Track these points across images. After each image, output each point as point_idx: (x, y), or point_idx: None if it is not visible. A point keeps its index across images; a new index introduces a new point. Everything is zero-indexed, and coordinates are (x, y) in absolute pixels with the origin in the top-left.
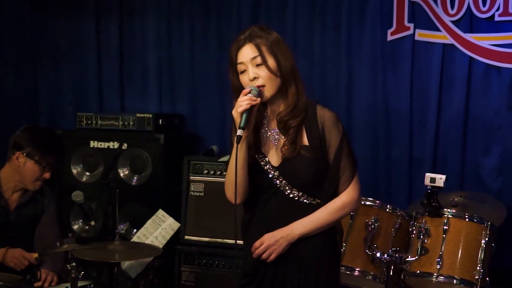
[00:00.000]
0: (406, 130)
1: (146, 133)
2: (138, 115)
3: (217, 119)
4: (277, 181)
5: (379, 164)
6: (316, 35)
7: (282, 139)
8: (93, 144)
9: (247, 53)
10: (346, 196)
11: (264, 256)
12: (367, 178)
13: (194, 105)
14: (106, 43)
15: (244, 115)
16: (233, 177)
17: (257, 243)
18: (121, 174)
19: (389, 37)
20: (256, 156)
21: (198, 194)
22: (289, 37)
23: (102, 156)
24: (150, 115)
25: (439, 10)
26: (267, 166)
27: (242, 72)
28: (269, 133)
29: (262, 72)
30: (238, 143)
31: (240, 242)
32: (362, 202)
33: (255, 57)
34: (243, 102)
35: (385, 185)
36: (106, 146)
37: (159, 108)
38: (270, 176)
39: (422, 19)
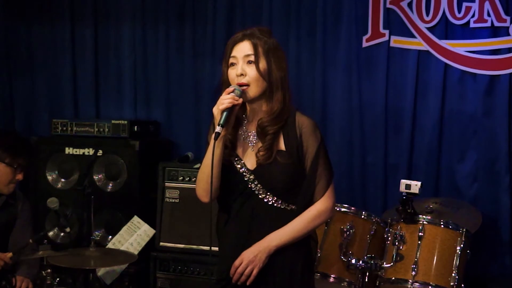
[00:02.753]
0: (381, 136)
1: (121, 140)
2: (113, 121)
3: (192, 126)
4: (252, 185)
5: (354, 170)
6: (291, 41)
7: (259, 143)
8: (68, 150)
9: (242, 49)
10: (321, 205)
11: (246, 272)
12: (342, 184)
13: (169, 111)
14: (81, 49)
15: (225, 114)
16: (206, 174)
17: (236, 262)
18: (96, 181)
19: (364, 44)
20: (232, 158)
21: (173, 200)
22: None
23: (77, 162)
24: (125, 122)
25: (415, 17)
26: (243, 169)
27: (232, 65)
28: (247, 134)
29: (251, 71)
30: (216, 139)
31: (214, 248)
32: (337, 209)
33: (248, 55)
34: (225, 100)
35: (360, 192)
36: (81, 153)
37: (134, 114)
38: (245, 179)
39: (397, 26)
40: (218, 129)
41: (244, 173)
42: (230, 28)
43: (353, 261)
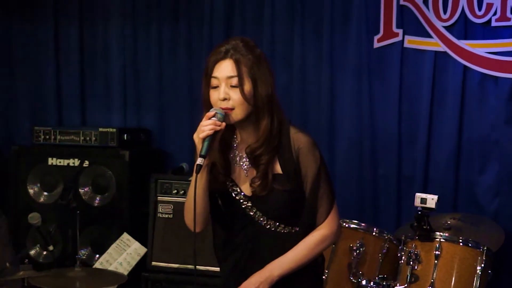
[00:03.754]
0: (394, 146)
1: (110, 149)
2: (100, 129)
3: (187, 134)
4: (251, 212)
5: (364, 183)
6: (295, 42)
7: (253, 169)
8: (52, 161)
9: (224, 70)
10: (325, 229)
11: None
12: (352, 199)
13: (162, 118)
14: (65, 50)
15: (206, 142)
16: (192, 207)
17: None
18: (82, 194)
19: (376, 44)
20: (227, 183)
21: (166, 216)
22: (266, 45)
23: (61, 174)
24: (114, 130)
25: (431, 15)
26: (239, 196)
27: (214, 87)
28: (239, 158)
29: (235, 95)
30: (197, 173)
31: (203, 266)
32: (346, 225)
33: (231, 77)
34: (205, 127)
35: (371, 207)
36: (65, 164)
37: (123, 122)
38: (243, 206)
39: (412, 25)
40: (199, 160)
41: (241, 200)
42: (228, 28)
43: (364, 282)
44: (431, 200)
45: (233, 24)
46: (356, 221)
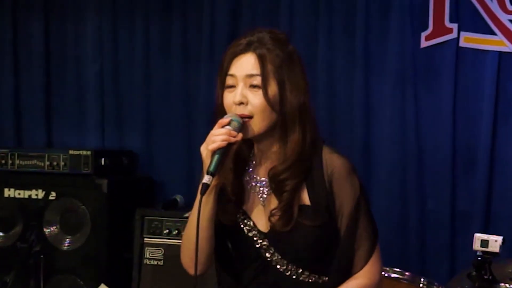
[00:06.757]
0: (447, 174)
1: (83, 178)
2: (71, 152)
3: (182, 158)
4: (267, 253)
5: (409, 221)
6: (321, 42)
7: (272, 196)
8: (9, 192)
9: (244, 66)
10: (363, 278)
11: None
12: (393, 241)
13: (149, 138)
14: (26, 52)
15: (216, 156)
16: (192, 240)
17: None
18: (48, 235)
19: (424, 43)
20: (238, 216)
21: (155, 262)
22: None
23: (21, 209)
24: (89, 153)
25: (494, 6)
26: (253, 232)
27: (230, 87)
28: (255, 183)
29: (256, 98)
30: (202, 194)
31: None
32: (386, 274)
33: (252, 75)
34: (217, 137)
35: (417, 250)
36: (26, 196)
37: (101, 142)
38: (257, 245)
39: (469, 18)
40: (206, 179)
41: (254, 238)
42: (234, 22)
43: None
44: (494, 242)
45: (240, 18)
46: (398, 270)
